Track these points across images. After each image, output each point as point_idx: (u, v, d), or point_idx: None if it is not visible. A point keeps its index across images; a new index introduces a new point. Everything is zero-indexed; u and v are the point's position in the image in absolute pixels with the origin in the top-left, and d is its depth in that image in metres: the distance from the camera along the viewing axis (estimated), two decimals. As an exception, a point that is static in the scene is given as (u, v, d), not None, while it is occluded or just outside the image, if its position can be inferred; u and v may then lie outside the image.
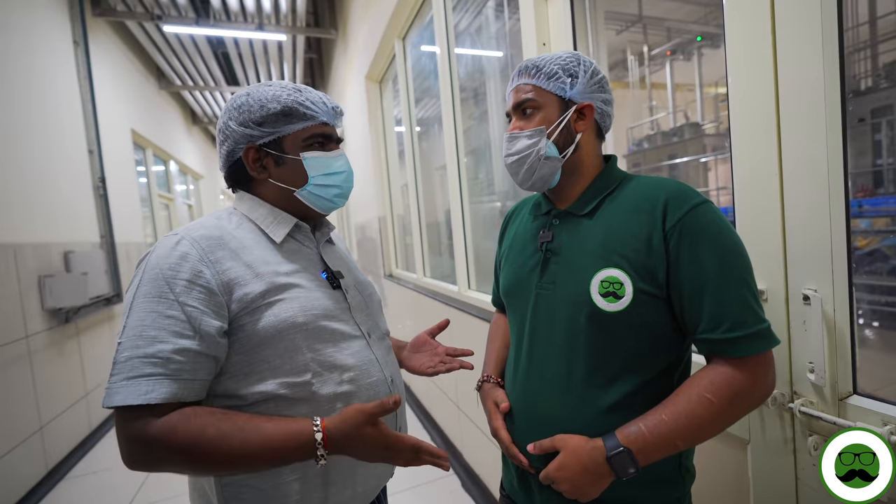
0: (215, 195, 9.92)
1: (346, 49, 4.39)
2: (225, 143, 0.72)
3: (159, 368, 0.56)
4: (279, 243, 0.71)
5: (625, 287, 0.64)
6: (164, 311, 0.59)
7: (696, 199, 0.63)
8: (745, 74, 0.76)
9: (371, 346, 0.75)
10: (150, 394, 0.55)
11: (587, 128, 0.72)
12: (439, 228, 2.96)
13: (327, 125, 0.74)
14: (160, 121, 5.98)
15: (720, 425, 0.62)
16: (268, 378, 0.64)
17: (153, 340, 0.57)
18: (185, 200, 7.45)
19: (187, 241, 0.63)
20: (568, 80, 0.69)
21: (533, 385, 0.74)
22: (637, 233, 0.65)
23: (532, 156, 0.70)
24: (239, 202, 0.76)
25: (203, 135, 9.07)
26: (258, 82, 0.76)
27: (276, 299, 0.65)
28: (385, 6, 2.71)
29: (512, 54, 2.53)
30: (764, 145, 0.74)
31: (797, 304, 0.72)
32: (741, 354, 0.60)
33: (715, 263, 0.60)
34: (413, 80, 2.88)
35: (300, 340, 0.66)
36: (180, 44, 4.96)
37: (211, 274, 0.62)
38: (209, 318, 0.60)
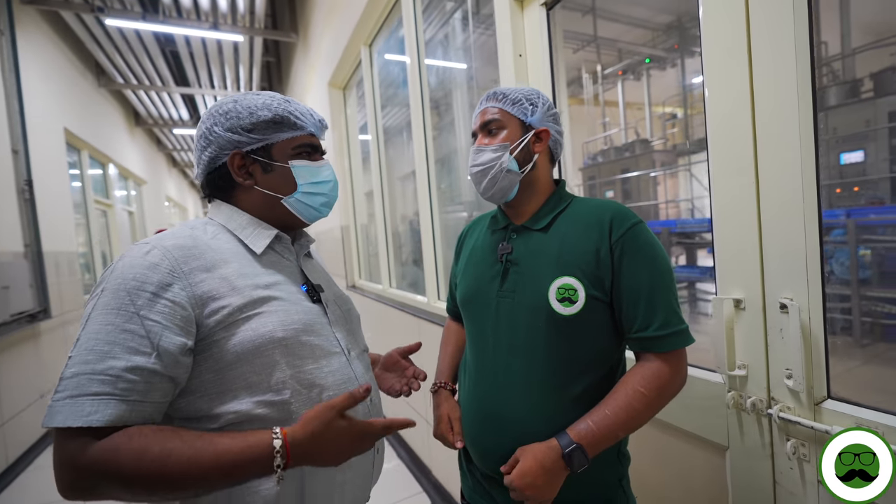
0: (160, 202, 9.30)
1: (307, 54, 4.27)
2: (208, 148, 0.70)
3: (107, 387, 0.52)
4: (259, 255, 0.69)
5: (578, 293, 0.73)
6: (122, 325, 0.54)
7: (634, 220, 0.74)
8: (722, 90, 0.79)
9: (350, 363, 0.72)
10: (92, 415, 0.50)
11: (543, 150, 0.82)
12: (401, 238, 2.91)
13: (314, 136, 0.74)
14: (98, 121, 5.53)
15: (651, 412, 0.71)
16: (243, 396, 0.60)
17: (104, 356, 0.53)
18: (125, 207, 6.92)
19: (158, 250, 0.60)
20: (530, 107, 0.80)
21: (497, 388, 0.79)
22: (587, 246, 0.74)
23: (495, 168, 0.79)
24: (216, 211, 0.72)
25: (147, 137, 8.51)
26: (245, 92, 0.76)
27: (255, 313, 0.62)
28: (351, 12, 2.66)
29: (476, 66, 2.56)
30: (740, 157, 0.77)
31: (774, 312, 0.75)
32: (666, 349, 0.71)
33: (648, 275, 0.72)
34: (378, 88, 2.83)
35: (279, 356, 0.62)
36: (124, 39, 4.62)
37: (181, 286, 0.58)
38: (171, 335, 0.56)
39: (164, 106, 7.01)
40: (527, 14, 1.29)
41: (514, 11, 1.29)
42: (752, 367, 0.79)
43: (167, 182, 10.41)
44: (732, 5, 0.76)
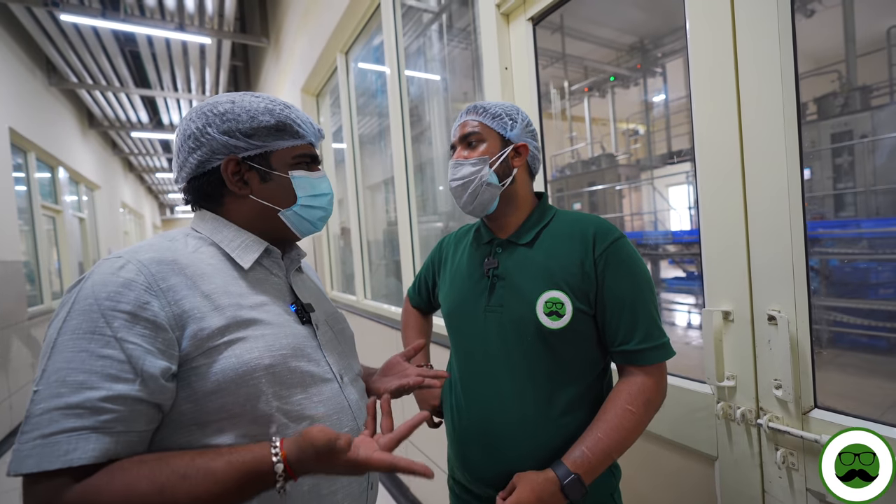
0: (114, 208, 8.79)
1: (278, 59, 4.18)
2: (198, 150, 0.63)
3: (85, 421, 0.46)
4: (245, 270, 0.63)
5: (566, 306, 0.73)
6: (98, 350, 0.48)
7: (616, 234, 0.75)
8: (708, 104, 0.82)
9: (343, 390, 0.66)
10: (71, 454, 0.45)
11: (522, 164, 0.82)
12: (371, 248, 2.86)
13: (313, 146, 0.70)
14: (48, 121, 5.18)
15: (641, 428, 0.72)
16: (226, 430, 0.54)
17: (80, 387, 0.47)
18: (75, 213, 6.48)
19: (133, 265, 0.53)
20: (509, 122, 0.80)
21: (486, 402, 0.79)
22: (572, 259, 0.75)
23: (475, 181, 0.79)
24: (199, 222, 0.66)
25: (102, 140, 8.05)
26: (242, 92, 0.68)
27: (238, 337, 0.56)
28: (328, 18, 2.62)
29: (449, 78, 2.58)
30: (728, 170, 0.79)
31: (762, 324, 0.77)
32: (649, 363, 0.73)
33: (631, 289, 0.73)
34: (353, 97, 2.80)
35: (265, 386, 0.56)
36: (79, 36, 4.37)
37: (160, 305, 0.52)
38: (154, 358, 0.50)
39: (121, 108, 6.67)
40: (512, 28, 1.30)
41: (501, 25, 1.30)
42: (740, 377, 0.80)
43: (123, 187, 9.87)
44: (719, 19, 0.79)
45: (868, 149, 4.07)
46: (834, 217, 4.24)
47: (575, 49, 6.90)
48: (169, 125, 7.45)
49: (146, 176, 12.22)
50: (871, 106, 4.43)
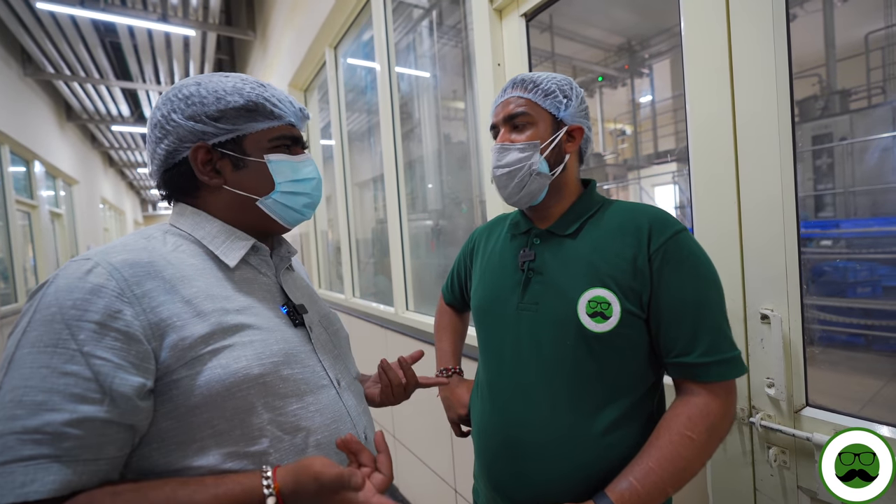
0: (93, 204, 8.55)
1: (265, 53, 4.10)
2: (164, 139, 0.58)
3: (44, 448, 0.41)
4: (231, 270, 0.58)
5: (612, 307, 0.64)
6: (61, 367, 0.43)
7: (677, 226, 0.65)
8: (703, 104, 0.81)
9: (341, 396, 0.61)
10: (28, 486, 0.40)
11: (574, 150, 0.73)
12: (361, 245, 2.83)
13: (294, 127, 0.63)
14: (23, 112, 5.00)
15: (703, 460, 0.61)
16: (210, 448, 0.49)
17: (38, 408, 0.41)
18: (52, 208, 6.29)
19: (103, 268, 0.48)
20: (563, 100, 0.70)
21: (515, 412, 0.70)
22: (623, 254, 0.65)
23: (524, 170, 0.69)
24: (178, 217, 0.61)
25: (80, 133, 7.82)
26: (211, 73, 0.62)
27: (224, 345, 0.51)
28: (317, 12, 2.58)
29: (438, 75, 2.56)
30: (722, 170, 0.79)
31: (755, 322, 0.77)
32: (713, 379, 0.62)
33: (693, 290, 0.63)
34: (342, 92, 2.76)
35: (255, 397, 0.51)
36: (57, 25, 4.22)
37: (133, 314, 0.47)
38: (126, 374, 0.45)
39: (101, 100, 6.48)
40: (505, 24, 1.29)
41: (494, 21, 1.28)
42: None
43: (102, 183, 9.60)
44: (714, 18, 0.78)
45: (847, 151, 4.17)
46: (814, 217, 4.34)
47: (564, 48, 6.93)
48: (151, 119, 7.27)
49: (127, 171, 11.92)
50: (850, 109, 4.54)
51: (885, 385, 2.43)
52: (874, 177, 3.88)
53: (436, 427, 1.69)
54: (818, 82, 5.08)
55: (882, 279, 3.10)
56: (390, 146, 2.03)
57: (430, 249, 2.30)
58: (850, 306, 3.10)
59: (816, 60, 4.90)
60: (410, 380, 0.76)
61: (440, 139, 2.46)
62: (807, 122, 4.53)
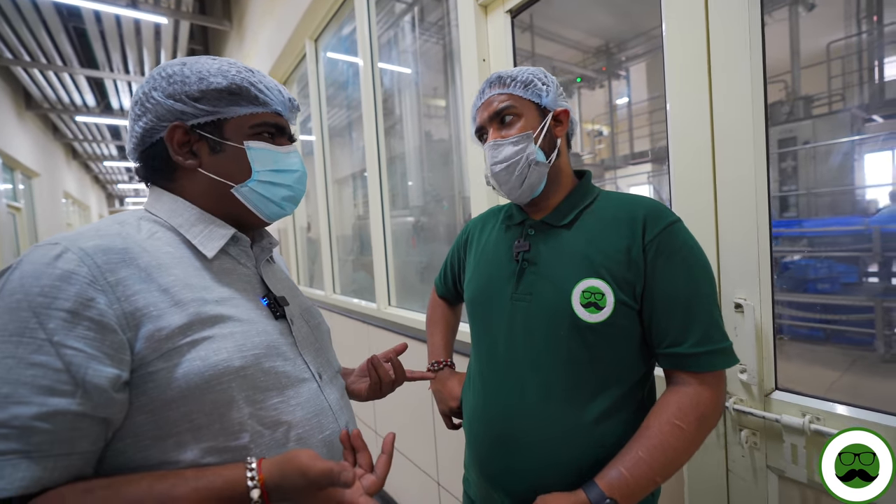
0: (55, 198, 8.16)
1: (241, 44, 4.00)
2: (143, 117, 0.56)
3: (11, 443, 0.39)
4: (209, 260, 0.56)
5: (606, 298, 0.64)
6: (27, 357, 0.41)
7: (671, 217, 0.66)
8: (683, 104, 0.85)
9: (323, 390, 0.60)
10: None
11: (564, 134, 0.74)
12: (341, 242, 2.80)
13: (280, 116, 0.62)
14: (-22, 100, 4.73)
15: (692, 450, 0.62)
16: (188, 443, 0.47)
17: (4, 401, 0.40)
18: (10, 202, 5.97)
19: (74, 254, 0.45)
20: (543, 87, 0.71)
21: (508, 403, 0.70)
22: (618, 245, 0.66)
23: (522, 162, 0.69)
24: (155, 203, 0.58)
25: (41, 123, 7.43)
26: (199, 56, 0.59)
27: (203, 336, 0.49)
28: (298, 2, 2.53)
29: (420, 71, 2.56)
30: (700, 168, 0.83)
31: (729, 311, 0.81)
32: (704, 369, 0.62)
33: (686, 281, 0.64)
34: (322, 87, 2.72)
35: (235, 391, 0.50)
36: (15, 7, 4.00)
37: (107, 302, 0.45)
38: (99, 365, 0.43)
39: (63, 89, 6.18)
40: (490, 20, 1.30)
41: (479, 17, 1.29)
42: None
43: (65, 176, 9.17)
44: (693, 22, 0.81)
45: (810, 154, 4.38)
46: (779, 217, 4.55)
47: (544, 49, 7.02)
48: (119, 110, 6.99)
49: (93, 164, 11.41)
50: (813, 114, 4.77)
51: (842, 375, 2.58)
52: (834, 179, 4.09)
53: (418, 420, 1.69)
54: (784, 88, 5.31)
55: (840, 276, 3.27)
56: (373, 142, 2.02)
57: (410, 246, 2.30)
58: (811, 301, 3.26)
59: (783, 67, 5.12)
60: (399, 375, 0.76)
61: (421, 136, 2.46)
62: (774, 126, 4.74)
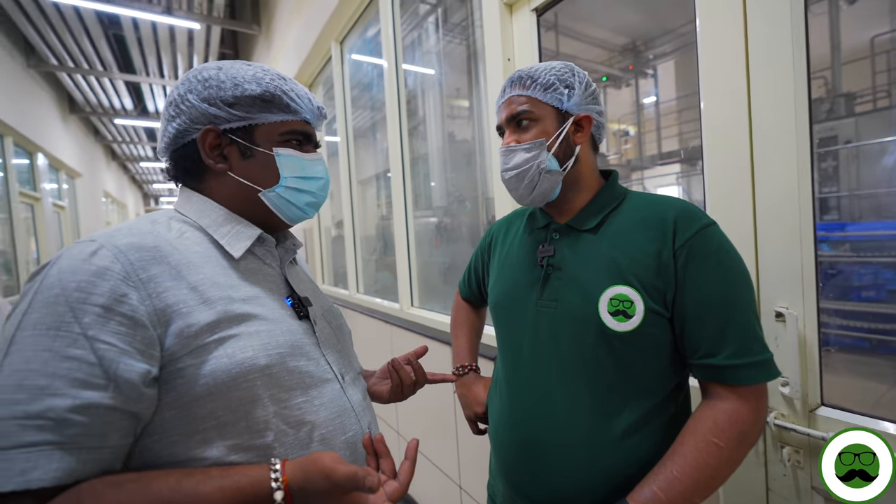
0: (96, 197, 8.55)
1: (269, 48, 4.09)
2: (176, 118, 0.57)
3: (47, 434, 0.40)
4: (236, 260, 0.57)
5: (635, 306, 0.61)
6: (63, 350, 0.42)
7: (704, 220, 0.62)
8: (718, 100, 0.81)
9: (345, 391, 0.61)
10: (29, 473, 0.39)
11: (585, 140, 0.70)
12: (365, 242, 2.82)
13: (309, 124, 0.63)
14: (26, 105, 5.00)
15: (731, 468, 0.58)
16: (214, 440, 0.48)
17: (41, 393, 0.40)
18: (55, 201, 6.28)
19: (108, 251, 0.46)
20: (565, 91, 0.68)
21: (533, 411, 0.68)
22: (646, 250, 0.63)
23: (532, 170, 0.67)
24: (184, 203, 0.60)
25: (83, 126, 7.81)
26: (234, 60, 0.61)
27: (230, 334, 0.50)
28: (323, 6, 2.57)
29: (444, 72, 2.55)
30: (737, 168, 0.78)
31: (769, 320, 0.76)
32: (743, 383, 0.58)
33: (721, 287, 0.60)
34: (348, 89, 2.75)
35: (261, 389, 0.50)
36: (60, 16, 4.21)
37: (139, 298, 0.46)
38: (131, 360, 0.44)
39: (104, 93, 6.47)
40: (516, 19, 1.28)
41: (504, 16, 1.27)
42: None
43: (105, 176, 9.61)
44: (730, 13, 0.77)
45: (852, 154, 4.16)
46: (819, 220, 4.33)
47: (569, 48, 6.92)
48: (154, 112, 7.27)
49: (130, 165, 11.92)
50: (856, 112, 4.53)
51: (890, 388, 2.42)
52: (879, 180, 3.86)
53: (440, 423, 1.68)
54: (824, 84, 5.06)
55: (887, 283, 3.08)
56: (397, 143, 2.03)
57: (434, 247, 2.29)
58: (855, 310, 3.09)
59: (822, 63, 4.89)
60: (420, 377, 0.75)
61: (444, 136, 2.45)
62: (813, 125, 4.53)
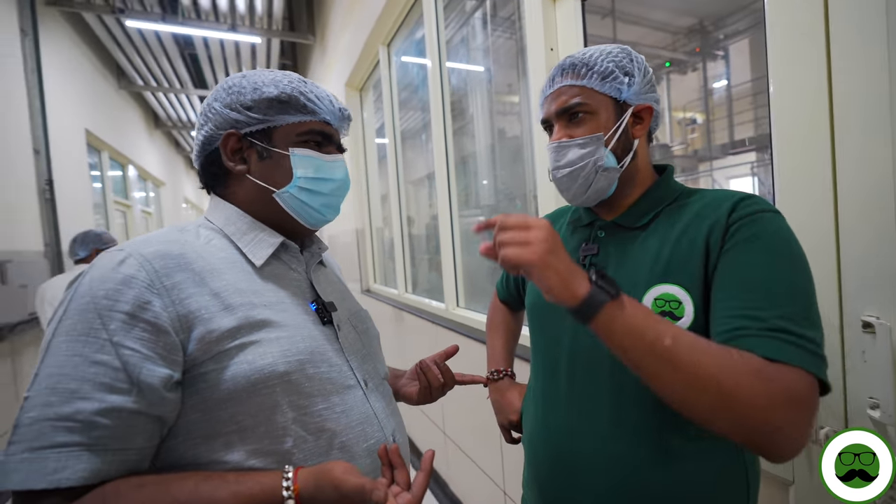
0: (177, 204, 9.42)
1: (324, 55, 4.26)
2: (204, 126, 0.60)
3: (76, 436, 0.42)
4: (261, 266, 0.58)
5: (684, 306, 0.55)
6: (92, 356, 0.44)
7: (765, 206, 0.55)
8: (791, 81, 0.71)
9: (368, 398, 0.60)
10: (59, 473, 0.41)
11: (644, 132, 0.64)
12: (415, 242, 2.85)
13: (329, 125, 0.62)
14: (119, 122, 5.61)
15: (720, 387, 0.43)
16: (235, 444, 0.49)
17: (71, 396, 0.43)
18: (143, 208, 7.01)
19: (135, 259, 0.49)
20: (625, 79, 0.61)
21: (571, 424, 0.64)
22: (697, 241, 0.56)
23: (588, 167, 0.61)
24: (213, 211, 0.62)
25: (166, 139, 8.63)
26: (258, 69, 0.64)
27: (250, 340, 0.51)
28: (370, 10, 2.62)
29: (493, 69, 2.50)
30: (814, 156, 0.68)
31: (854, 331, 0.66)
32: (777, 357, 0.44)
33: (763, 269, 0.50)
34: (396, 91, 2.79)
35: (280, 395, 0.51)
36: (144, 41, 4.68)
37: (162, 305, 0.47)
38: (153, 365, 0.46)
39: (182, 108, 7.10)
40: (559, 7, 1.22)
41: (546, 4, 1.22)
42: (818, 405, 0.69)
43: (185, 184, 10.56)
44: (807, -15, 0.67)
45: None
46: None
47: (626, 34, 6.56)
48: (225, 124, 7.85)
49: (205, 173, 13.01)
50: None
51: None
52: None
53: (485, 426, 1.66)
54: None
55: None
56: (441, 142, 2.02)
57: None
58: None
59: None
60: (448, 380, 0.73)
61: (494, 134, 2.41)
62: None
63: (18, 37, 3.14)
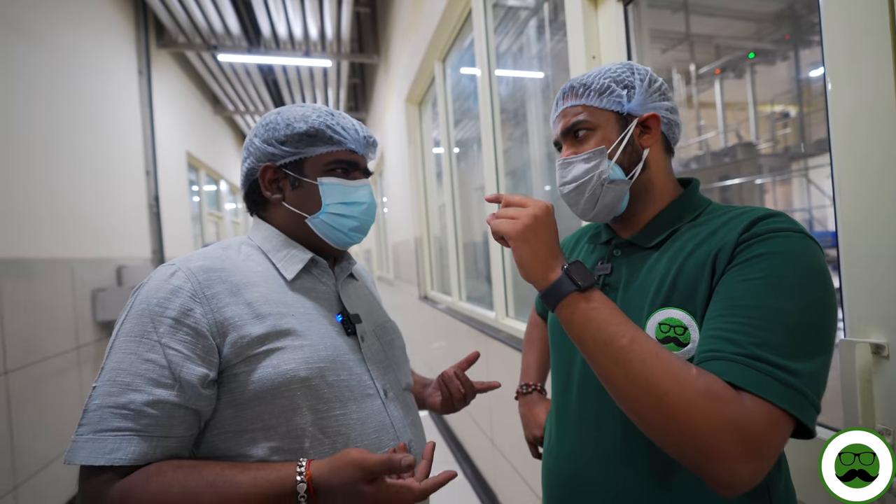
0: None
1: (387, 73, 4.48)
2: (247, 159, 0.68)
3: (129, 422, 0.50)
4: (292, 279, 0.64)
5: (689, 332, 0.52)
6: (144, 354, 0.52)
7: (788, 226, 0.50)
8: (850, 73, 0.64)
9: (386, 407, 0.64)
10: (115, 453, 0.48)
11: (654, 141, 0.62)
12: (475, 250, 2.87)
13: (355, 153, 0.68)
14: (213, 144, 6.33)
15: (670, 397, 0.41)
16: (260, 441, 0.55)
17: (126, 388, 0.50)
18: (233, 218, 7.81)
19: (183, 272, 0.57)
20: (623, 92, 0.60)
21: (581, 443, 0.62)
22: (705, 262, 0.52)
23: (593, 181, 0.60)
24: (254, 230, 0.70)
25: (252, 157, 9.55)
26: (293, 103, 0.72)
27: (276, 347, 0.56)
28: (426, 28, 2.73)
29: (553, 75, 2.47)
30: (880, 157, 0.61)
31: (931, 360, 0.57)
32: (740, 384, 0.41)
33: (756, 290, 0.46)
34: (453, 102, 2.86)
35: (301, 399, 0.56)
36: (234, 72, 5.26)
37: (202, 312, 0.54)
38: (192, 365, 0.53)
39: (265, 129, 7.81)
40: (601, 13, 1.19)
41: (587, 10, 1.19)
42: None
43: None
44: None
45: None
46: None
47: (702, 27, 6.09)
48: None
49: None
50: None
51: None
52: None
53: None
54: None
55: None
56: (490, 150, 2.04)
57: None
58: None
59: None
60: (468, 390, 0.75)
61: (550, 142, 2.38)
62: None
63: (136, 77, 3.71)
